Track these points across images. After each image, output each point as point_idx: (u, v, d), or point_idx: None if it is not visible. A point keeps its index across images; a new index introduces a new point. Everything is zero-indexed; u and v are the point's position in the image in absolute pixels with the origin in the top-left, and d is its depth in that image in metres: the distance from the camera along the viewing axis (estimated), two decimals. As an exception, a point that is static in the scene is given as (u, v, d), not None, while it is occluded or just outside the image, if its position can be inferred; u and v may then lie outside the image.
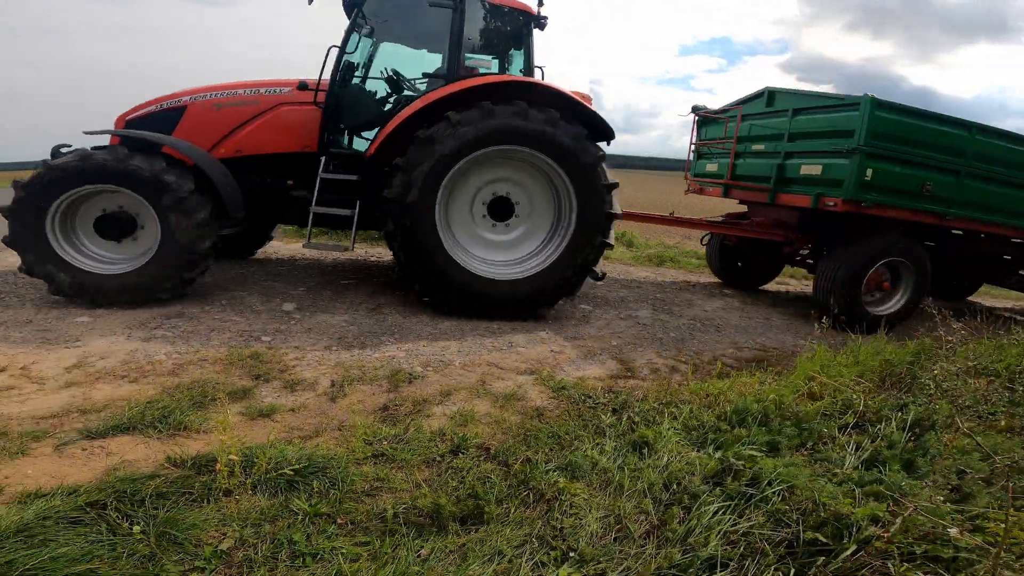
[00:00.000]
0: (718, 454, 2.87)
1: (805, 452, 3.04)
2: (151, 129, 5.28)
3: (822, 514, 2.27)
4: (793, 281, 9.56)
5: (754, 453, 2.85)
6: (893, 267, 6.78)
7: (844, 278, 6.54)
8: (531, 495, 2.53)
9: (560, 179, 5.31)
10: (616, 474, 2.69)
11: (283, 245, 8.64)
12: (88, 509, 2.17)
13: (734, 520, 2.31)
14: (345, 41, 5.47)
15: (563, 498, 2.47)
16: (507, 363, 4.38)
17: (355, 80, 5.75)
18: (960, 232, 7.26)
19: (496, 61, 5.95)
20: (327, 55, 5.36)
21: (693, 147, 8.71)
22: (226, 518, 2.23)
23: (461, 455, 2.89)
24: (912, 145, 6.18)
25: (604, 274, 6.12)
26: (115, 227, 4.84)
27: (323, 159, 5.43)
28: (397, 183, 4.98)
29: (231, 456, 2.46)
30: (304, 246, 5.61)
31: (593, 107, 5.49)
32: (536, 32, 5.86)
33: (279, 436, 2.95)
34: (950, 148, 6.30)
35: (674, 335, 5.62)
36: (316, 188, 5.28)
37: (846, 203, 6.19)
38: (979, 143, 6.37)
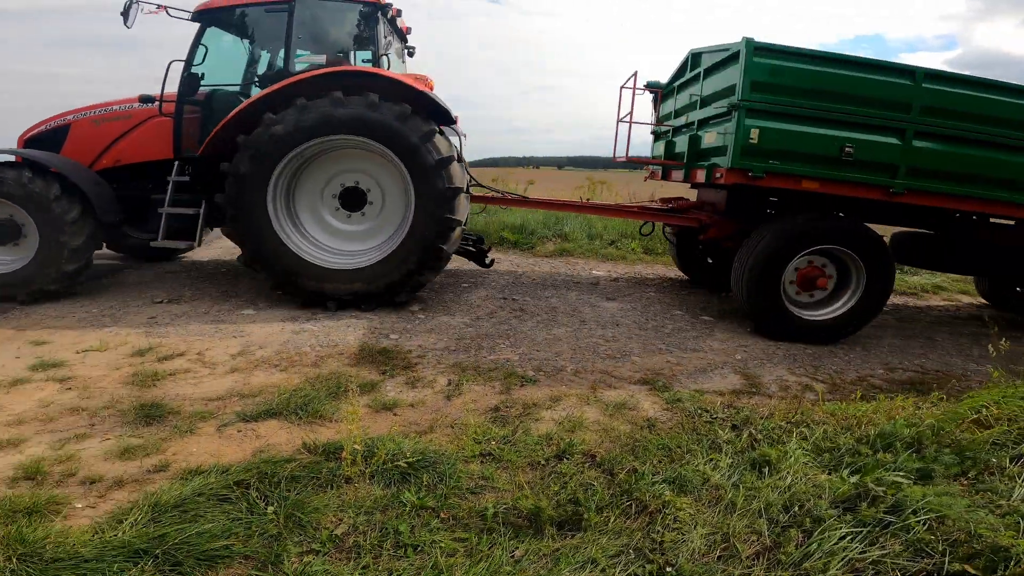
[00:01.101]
0: (854, 478, 2.61)
1: (964, 482, 2.67)
2: (44, 146, 5.86)
3: (976, 546, 1.98)
4: (965, 298, 8.32)
5: (899, 480, 2.57)
6: (839, 261, 5.50)
7: (755, 270, 5.32)
8: (633, 506, 2.48)
9: (395, 161, 5.23)
10: (729, 491, 2.56)
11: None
12: (235, 488, 2.46)
13: (863, 548, 2.08)
14: (191, 55, 5.69)
15: (667, 511, 2.39)
16: (620, 372, 4.31)
17: (202, 88, 5.90)
18: (975, 215, 5.82)
19: (342, 55, 5.85)
20: (168, 69, 5.68)
21: (652, 129, 7.73)
22: (344, 504, 2.42)
23: (566, 460, 2.90)
24: (820, 98, 4.96)
25: (492, 261, 6.52)
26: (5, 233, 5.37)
27: (176, 164, 5.76)
28: (227, 192, 5.19)
29: (356, 445, 2.67)
30: (152, 244, 5.73)
31: (428, 89, 5.41)
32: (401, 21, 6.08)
33: (398, 429, 3.16)
34: (885, 101, 4.98)
35: (811, 352, 5.16)
36: (168, 191, 5.62)
37: (731, 173, 5.09)
38: (931, 94, 4.96)
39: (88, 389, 3.51)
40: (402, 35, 6.74)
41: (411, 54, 7.17)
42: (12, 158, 5.51)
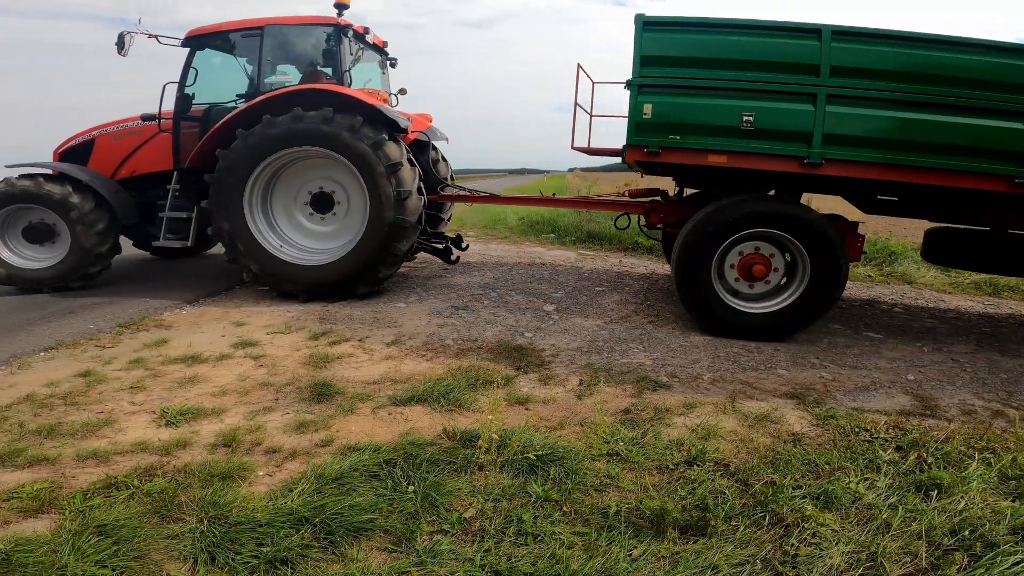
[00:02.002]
0: (1044, 507, 2.26)
1: None
2: (74, 160, 6.67)
3: None
4: None
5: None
6: (786, 248, 4.95)
7: (682, 257, 4.99)
8: (767, 517, 2.38)
9: (351, 167, 5.71)
10: (883, 511, 2.38)
11: (545, 251, 9.47)
12: (384, 466, 2.74)
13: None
14: (183, 77, 6.35)
15: (806, 526, 2.26)
16: (764, 384, 4.05)
17: (198, 105, 6.50)
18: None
19: (285, 72, 6.46)
20: (164, 90, 6.32)
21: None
22: (475, 489, 2.59)
23: (696, 467, 2.84)
24: (715, 67, 4.66)
25: (457, 258, 6.97)
26: (39, 233, 6.26)
27: (175, 174, 6.42)
28: (210, 198, 5.89)
29: (492, 435, 2.84)
30: (154, 244, 6.60)
31: (379, 103, 5.85)
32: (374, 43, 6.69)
33: (530, 423, 3.29)
34: (790, 65, 4.57)
35: (1005, 376, 4.44)
36: (168, 197, 6.36)
37: (631, 151, 4.89)
38: (842, 53, 4.49)
39: (275, 367, 4.11)
40: (379, 49, 7.24)
41: (393, 65, 7.76)
42: (49, 171, 6.43)
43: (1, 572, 1.99)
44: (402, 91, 7.69)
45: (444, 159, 7.76)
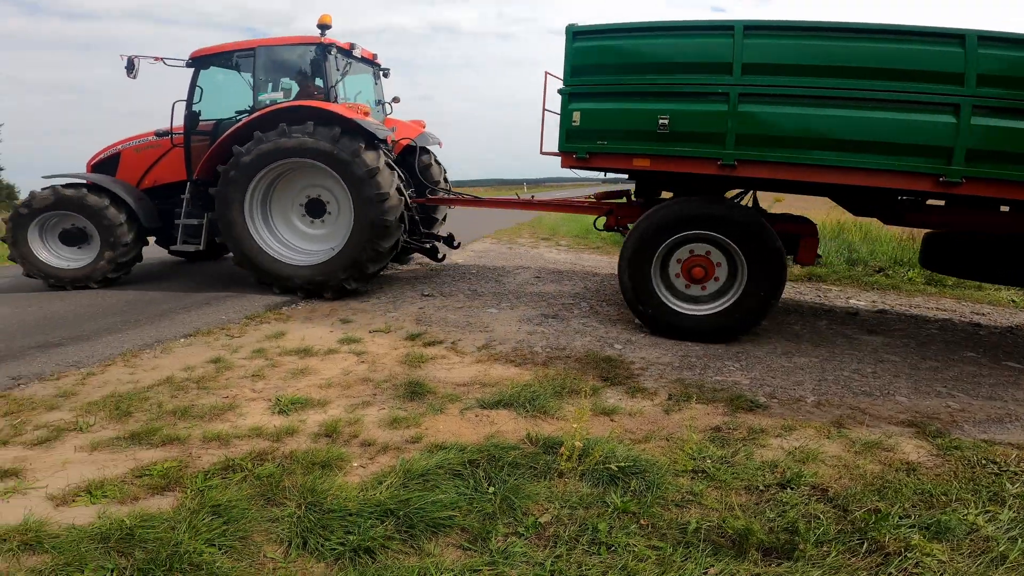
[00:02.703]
0: None
1: None
2: (104, 171, 7.45)
3: None
4: None
5: None
6: (727, 251, 4.94)
7: (624, 258, 5.11)
8: (865, 545, 2.23)
9: (335, 175, 6.28)
10: (1001, 543, 2.19)
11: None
12: (468, 466, 2.82)
13: None
14: (190, 95, 7.04)
15: (909, 555, 2.12)
16: (878, 410, 3.72)
17: (206, 120, 7.16)
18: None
19: (288, 89, 7.15)
20: (173, 109, 6.99)
21: None
22: (553, 496, 2.61)
23: (790, 490, 2.68)
24: (633, 72, 4.76)
25: (443, 257, 7.86)
26: (74, 237, 7.02)
27: (188, 184, 7.08)
28: (216, 210, 6.60)
29: (576, 443, 2.85)
30: (171, 248, 7.52)
31: (360, 116, 6.37)
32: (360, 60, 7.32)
33: (614, 434, 3.26)
34: (705, 65, 4.57)
35: None
36: (183, 205, 7.04)
37: (564, 157, 5.11)
38: (754, 49, 4.40)
39: (375, 364, 4.38)
40: (368, 61, 7.79)
41: (386, 75, 8.29)
42: (84, 181, 7.12)
43: (124, 547, 2.17)
44: (395, 99, 8.33)
45: (437, 162, 8.23)
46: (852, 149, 4.38)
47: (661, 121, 4.69)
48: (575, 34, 4.92)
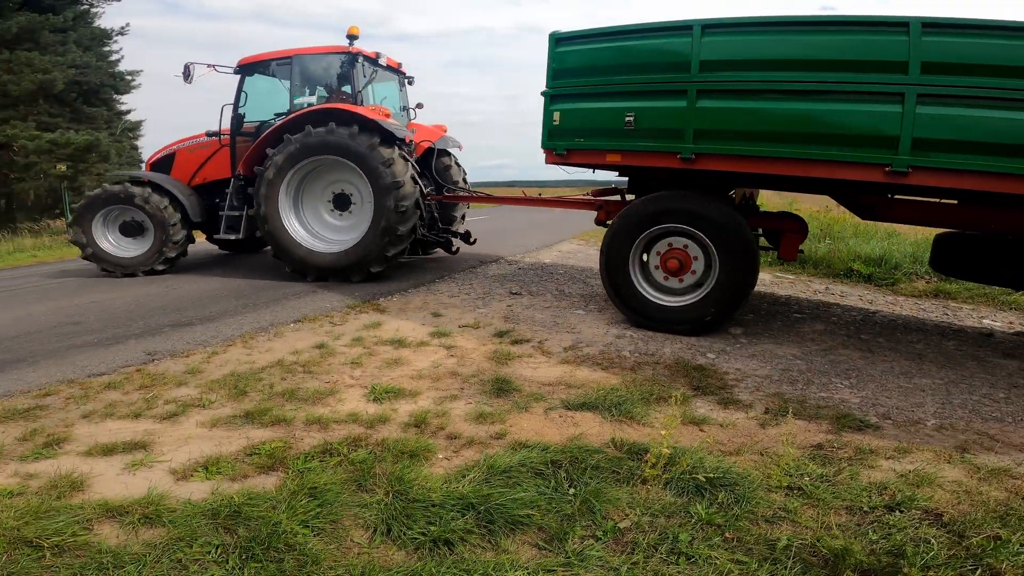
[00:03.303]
0: None
1: None
2: (161, 169, 8.28)
3: None
4: None
5: None
6: (703, 245, 4.97)
7: (603, 251, 5.39)
8: (979, 571, 2.05)
9: (356, 169, 6.90)
10: None
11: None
12: (550, 465, 2.82)
13: None
14: (237, 99, 7.96)
15: None
16: (1009, 437, 3.30)
17: (250, 122, 8.04)
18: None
19: (324, 96, 7.85)
20: (222, 112, 7.94)
21: None
22: (634, 502, 2.55)
23: (898, 512, 2.48)
24: (607, 73, 4.99)
25: (457, 249, 8.68)
26: (132, 229, 7.88)
27: (232, 180, 7.85)
28: (255, 205, 7.35)
29: (663, 450, 2.77)
30: (214, 236, 8.24)
31: (382, 117, 6.98)
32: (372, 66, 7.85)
33: (703, 444, 3.13)
34: (667, 64, 4.71)
35: None
36: (227, 199, 7.82)
37: (547, 154, 5.51)
38: (710, 47, 4.50)
39: (463, 359, 4.49)
40: (393, 69, 8.46)
41: (411, 82, 9.02)
42: (145, 179, 7.90)
43: (230, 524, 2.31)
44: (419, 105, 9.06)
45: (458, 164, 8.96)
46: (804, 141, 4.43)
47: (628, 118, 4.94)
48: (557, 40, 5.29)
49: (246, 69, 8.00)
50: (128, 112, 20.27)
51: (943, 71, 4.02)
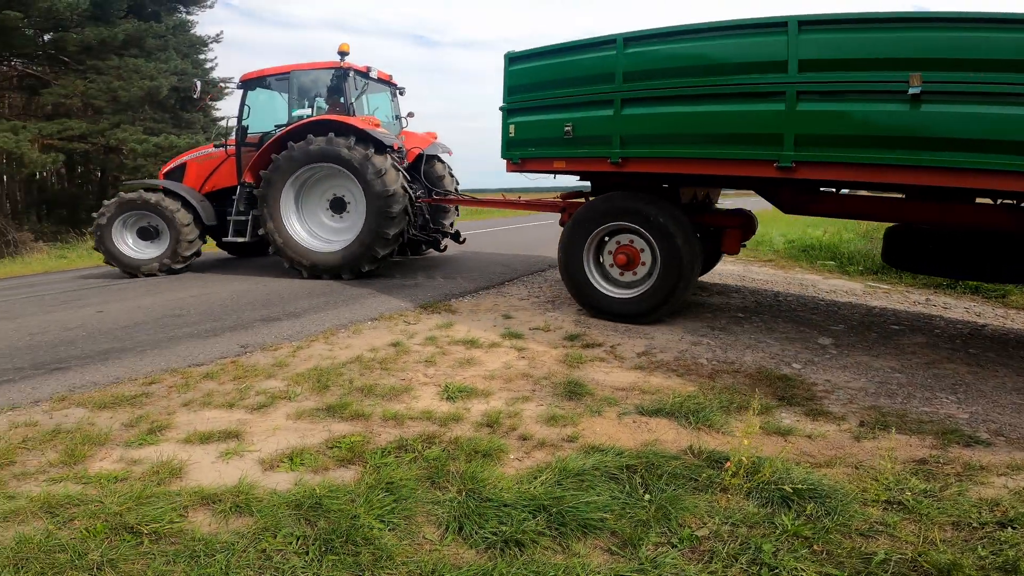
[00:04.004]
0: None
1: None
2: (173, 178, 8.81)
3: None
4: None
5: None
6: (648, 241, 5.31)
7: (560, 248, 5.77)
8: None
9: (351, 176, 7.46)
10: None
11: (821, 279, 8.22)
12: (624, 471, 2.75)
13: None
14: (240, 111, 8.62)
15: None
16: None
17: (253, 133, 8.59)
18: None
19: (323, 108, 8.39)
20: (227, 124, 8.92)
21: None
22: (713, 510, 2.44)
23: (1011, 529, 2.26)
24: (550, 87, 5.47)
25: (445, 247, 9.72)
26: (148, 233, 8.46)
27: (239, 187, 8.49)
28: (259, 207, 8.02)
29: (743, 458, 2.65)
30: (222, 239, 8.79)
31: (371, 127, 7.50)
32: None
33: (788, 455, 2.96)
34: (594, 76, 5.11)
35: None
36: (234, 205, 8.46)
37: (507, 163, 6.05)
38: (631, 58, 4.85)
39: (534, 361, 4.48)
40: (384, 81, 9.03)
41: (402, 93, 9.60)
42: (159, 186, 8.51)
43: (311, 515, 2.36)
44: (410, 114, 9.60)
45: (450, 172, 9.52)
46: (707, 142, 4.73)
47: (566, 128, 5.39)
48: (511, 59, 5.80)
49: (248, 84, 8.65)
50: (222, 119, 21.83)
51: (820, 68, 4.18)
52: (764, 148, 4.47)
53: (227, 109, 42.76)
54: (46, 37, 17.56)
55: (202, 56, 21.21)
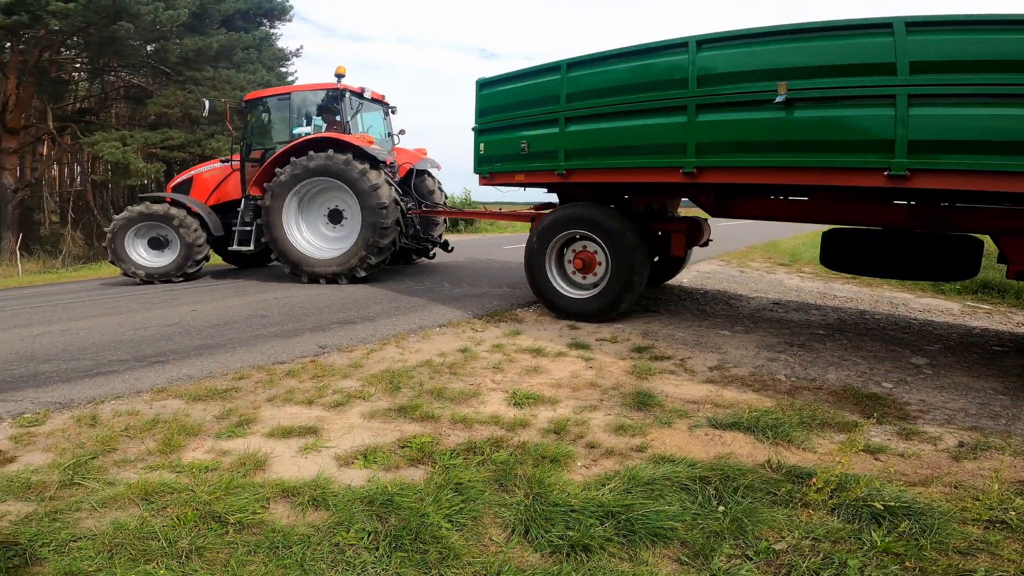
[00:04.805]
0: None
1: None
2: (181, 191, 9.23)
3: None
4: None
5: None
6: (601, 247, 5.85)
7: (526, 254, 6.28)
8: None
9: (347, 189, 8.10)
10: None
11: (913, 298, 7.62)
12: (697, 482, 2.67)
13: None
14: (246, 127, 9.47)
15: None
16: None
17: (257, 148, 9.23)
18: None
19: (320, 126, 9.00)
20: (232, 139, 9.91)
21: None
22: (793, 524, 2.32)
23: None
24: (512, 109, 6.12)
25: (434, 255, 10.51)
26: (158, 243, 8.91)
27: (243, 199, 9.05)
28: (263, 218, 8.60)
29: (831, 474, 2.52)
30: (229, 248, 9.23)
31: (366, 144, 8.13)
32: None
33: (880, 473, 2.78)
34: (545, 98, 5.74)
35: None
36: (239, 216, 8.99)
37: (480, 178, 6.71)
38: (573, 81, 5.49)
39: (602, 371, 4.43)
40: (377, 101, 9.65)
41: (394, 112, 10.25)
42: (168, 199, 8.88)
43: (383, 512, 2.41)
44: (401, 131, 10.23)
45: (440, 186, 10.28)
46: (628, 153, 5.24)
47: (523, 145, 6.02)
48: (481, 85, 6.49)
49: (251, 104, 9.36)
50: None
51: (715, 82, 4.63)
52: (672, 156, 4.93)
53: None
54: (149, 48, 19.10)
55: (284, 69, 22.42)
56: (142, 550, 2.17)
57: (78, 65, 20.90)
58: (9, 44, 17.38)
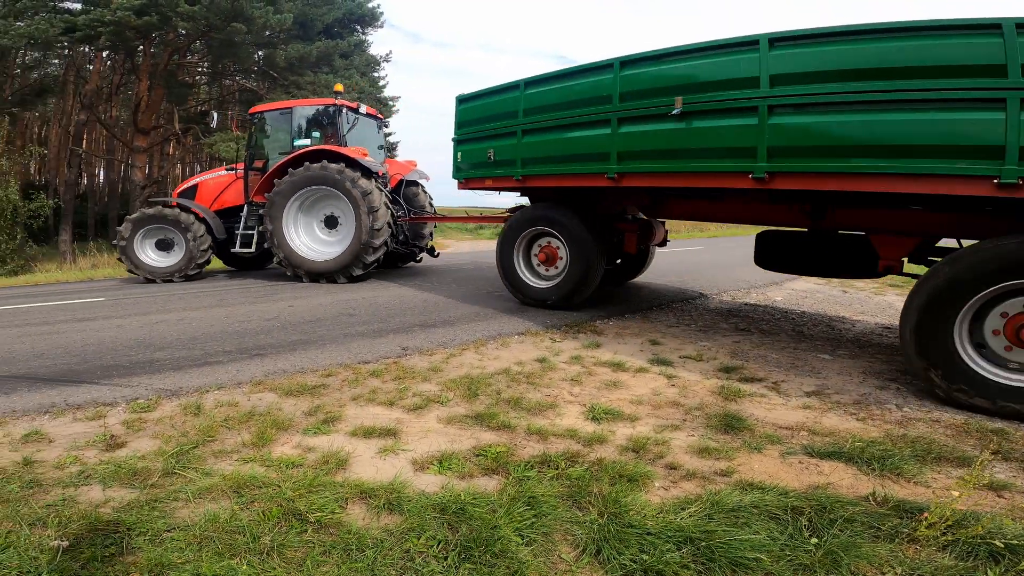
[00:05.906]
0: None
1: None
2: (187, 197, 10.07)
3: None
4: None
5: None
6: (562, 243, 6.58)
7: (497, 249, 7.12)
8: None
9: (342, 196, 8.93)
10: None
11: None
12: (788, 511, 2.47)
13: None
14: (250, 138, 10.40)
15: None
16: None
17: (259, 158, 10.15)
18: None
19: (319, 139, 9.76)
20: (237, 148, 11.40)
21: None
22: (896, 560, 2.11)
23: None
24: (482, 122, 6.90)
25: (420, 259, 11.78)
26: (165, 244, 9.67)
27: (246, 205, 9.90)
28: (265, 223, 9.43)
29: (948, 509, 2.28)
30: (232, 251, 10.00)
31: (359, 156, 9.00)
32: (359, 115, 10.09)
33: (1002, 511, 2.47)
34: (507, 113, 6.48)
35: None
36: (242, 221, 9.89)
37: (458, 183, 7.54)
38: (528, 98, 6.24)
39: (685, 389, 4.23)
40: (371, 116, 10.56)
41: (386, 126, 11.42)
42: (174, 203, 9.65)
43: (455, 520, 2.40)
44: (392, 146, 10.82)
45: (426, 193, 10.99)
46: (569, 161, 5.92)
47: (489, 153, 6.74)
48: (460, 100, 7.27)
49: (256, 116, 10.23)
50: (390, 134, 23.94)
51: (631, 97, 5.27)
52: (599, 163, 5.57)
53: (392, 126, 47.06)
54: (260, 54, 20.76)
55: (375, 74, 23.49)
56: (228, 544, 2.25)
57: (200, 69, 23.01)
58: (141, 47, 19.42)
